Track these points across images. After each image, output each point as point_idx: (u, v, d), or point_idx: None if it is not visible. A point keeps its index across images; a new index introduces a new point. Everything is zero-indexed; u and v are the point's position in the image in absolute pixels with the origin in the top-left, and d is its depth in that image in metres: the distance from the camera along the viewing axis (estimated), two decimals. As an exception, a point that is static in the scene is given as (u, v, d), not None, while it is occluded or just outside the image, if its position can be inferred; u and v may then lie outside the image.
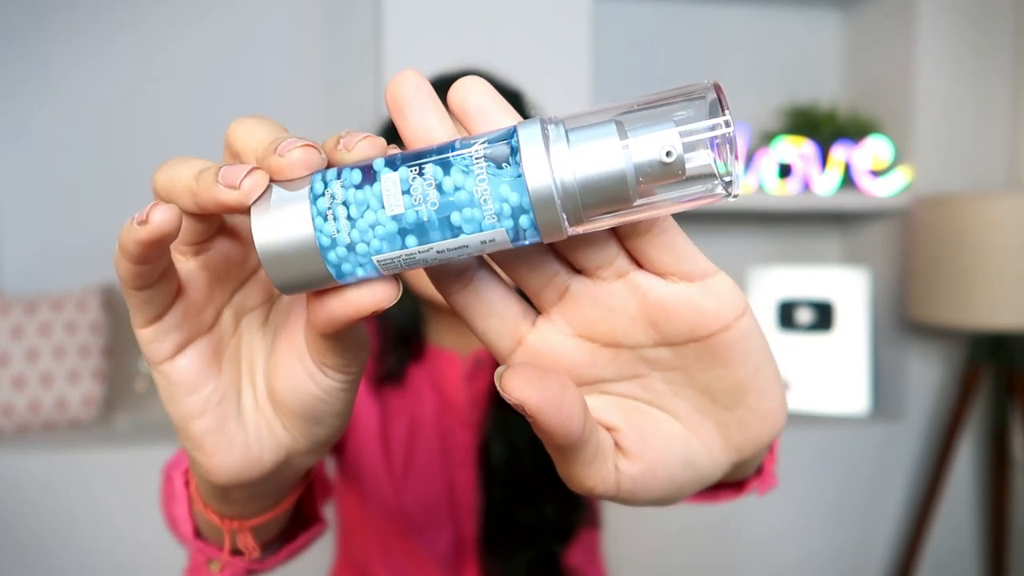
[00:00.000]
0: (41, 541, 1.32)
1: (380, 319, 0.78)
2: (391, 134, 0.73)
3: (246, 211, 0.24)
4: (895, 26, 1.60)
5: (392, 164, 0.23)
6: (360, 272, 0.24)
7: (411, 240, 0.23)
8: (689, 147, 0.22)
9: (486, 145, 0.23)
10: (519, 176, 0.22)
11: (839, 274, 1.64)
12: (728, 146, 0.22)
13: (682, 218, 1.51)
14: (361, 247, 0.23)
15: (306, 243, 0.23)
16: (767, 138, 1.63)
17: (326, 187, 0.23)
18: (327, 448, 0.32)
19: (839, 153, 1.57)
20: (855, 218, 1.77)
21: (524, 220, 0.23)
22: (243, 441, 0.30)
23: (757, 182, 1.56)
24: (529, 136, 0.22)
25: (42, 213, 1.56)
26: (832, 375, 1.63)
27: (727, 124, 0.22)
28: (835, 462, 1.60)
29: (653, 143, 0.22)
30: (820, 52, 1.78)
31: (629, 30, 1.69)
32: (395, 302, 0.25)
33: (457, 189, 0.22)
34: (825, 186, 1.56)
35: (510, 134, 0.23)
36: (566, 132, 0.23)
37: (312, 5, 1.63)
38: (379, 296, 0.24)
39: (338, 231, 0.23)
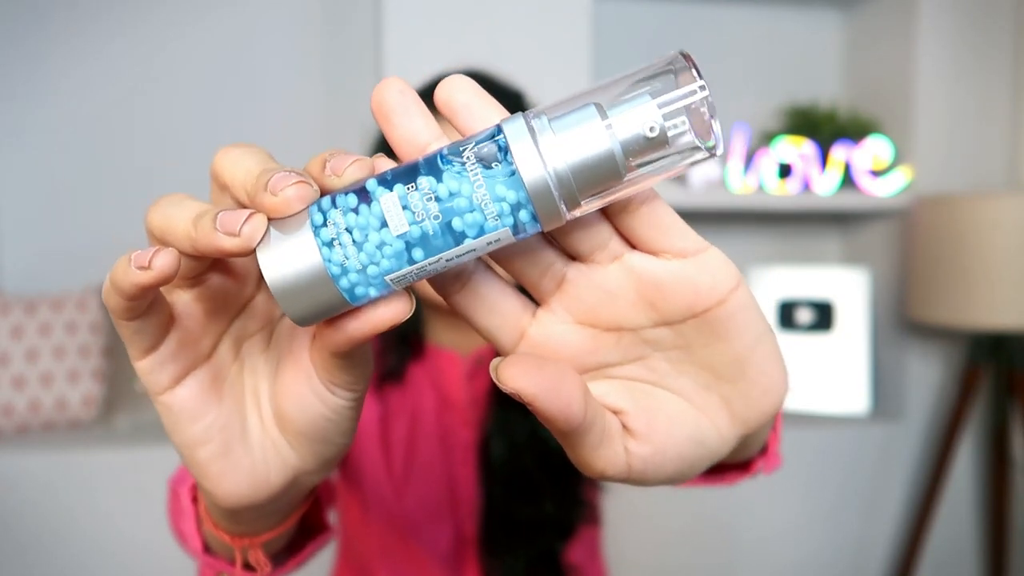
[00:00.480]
0: (41, 541, 1.32)
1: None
2: (385, 141, 0.73)
3: (249, 255, 0.24)
4: (895, 26, 1.61)
5: (385, 182, 0.23)
6: (373, 292, 0.24)
7: (418, 253, 0.23)
8: (668, 116, 0.23)
9: (474, 147, 0.23)
10: (513, 174, 0.22)
11: (839, 274, 1.64)
12: (706, 108, 0.23)
13: (682, 216, 1.50)
14: (372, 269, 0.23)
15: (318, 275, 0.23)
16: (767, 138, 1.63)
17: (325, 217, 0.23)
18: (333, 466, 0.32)
19: (839, 153, 1.57)
20: (855, 218, 1.77)
21: (524, 215, 0.23)
22: (249, 464, 0.30)
23: (757, 182, 1.56)
24: (516, 132, 0.23)
25: (42, 213, 1.56)
26: (832, 375, 1.63)
27: (702, 88, 0.23)
28: (835, 462, 1.60)
29: (634, 118, 0.23)
30: (820, 52, 1.78)
31: (629, 30, 1.69)
32: (411, 314, 0.25)
33: (453, 195, 0.23)
34: (825, 186, 1.56)
35: (496, 133, 0.23)
36: (549, 122, 0.23)
37: (312, 5, 1.63)
38: (396, 311, 0.25)
39: (347, 258, 0.23)
